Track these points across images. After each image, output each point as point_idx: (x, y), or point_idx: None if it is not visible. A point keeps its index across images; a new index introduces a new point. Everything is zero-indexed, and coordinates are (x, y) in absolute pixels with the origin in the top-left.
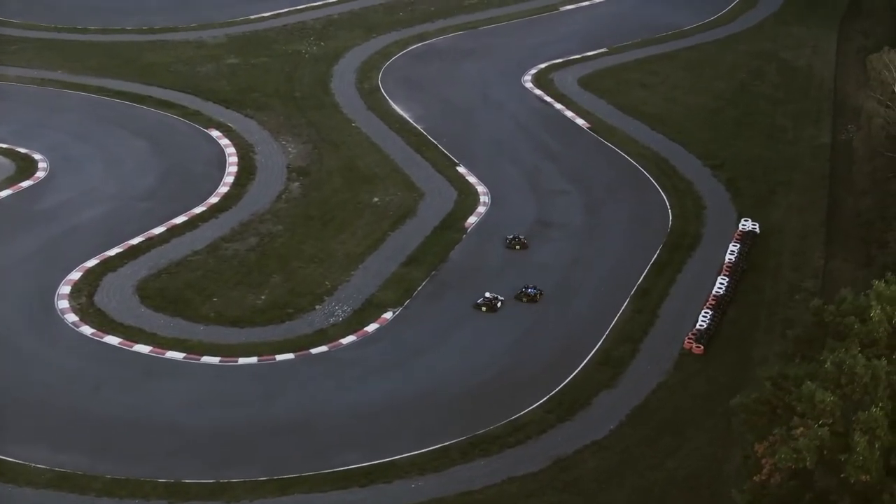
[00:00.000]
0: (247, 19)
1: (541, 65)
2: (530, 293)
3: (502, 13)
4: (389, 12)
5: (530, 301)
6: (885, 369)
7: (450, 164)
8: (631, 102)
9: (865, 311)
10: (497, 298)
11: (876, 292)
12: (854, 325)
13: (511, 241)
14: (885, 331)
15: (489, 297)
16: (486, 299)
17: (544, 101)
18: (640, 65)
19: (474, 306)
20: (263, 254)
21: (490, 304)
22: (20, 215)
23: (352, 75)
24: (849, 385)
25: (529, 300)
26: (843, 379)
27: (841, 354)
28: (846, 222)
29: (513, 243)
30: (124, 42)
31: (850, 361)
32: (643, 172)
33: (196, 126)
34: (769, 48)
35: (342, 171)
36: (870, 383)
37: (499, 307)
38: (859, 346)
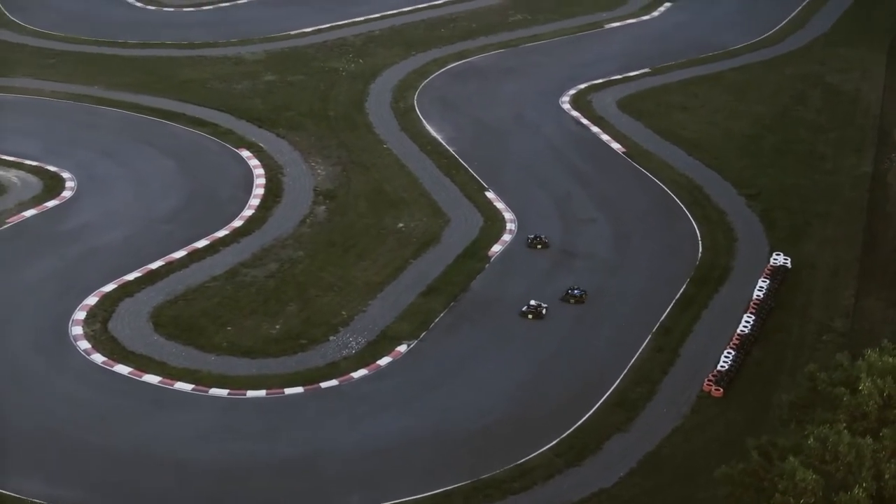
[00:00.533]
0: (287, 35)
1: (581, 85)
2: (576, 294)
3: (546, 30)
4: (431, 29)
5: (577, 302)
6: (870, 448)
7: (479, 188)
8: (669, 126)
9: (856, 382)
10: (541, 305)
11: (867, 363)
12: (844, 395)
13: (532, 241)
14: (875, 404)
15: (534, 304)
16: (531, 307)
17: (580, 124)
18: (682, 86)
19: (520, 314)
20: (282, 281)
21: (536, 311)
22: (43, 236)
23: (388, 94)
24: (832, 463)
25: (577, 301)
26: (827, 456)
27: (825, 430)
28: (882, 258)
29: (534, 242)
30: (162, 57)
31: (833, 438)
32: (676, 200)
33: (226, 145)
34: (816, 71)
35: (369, 195)
36: (854, 462)
37: (544, 314)
38: (848, 420)
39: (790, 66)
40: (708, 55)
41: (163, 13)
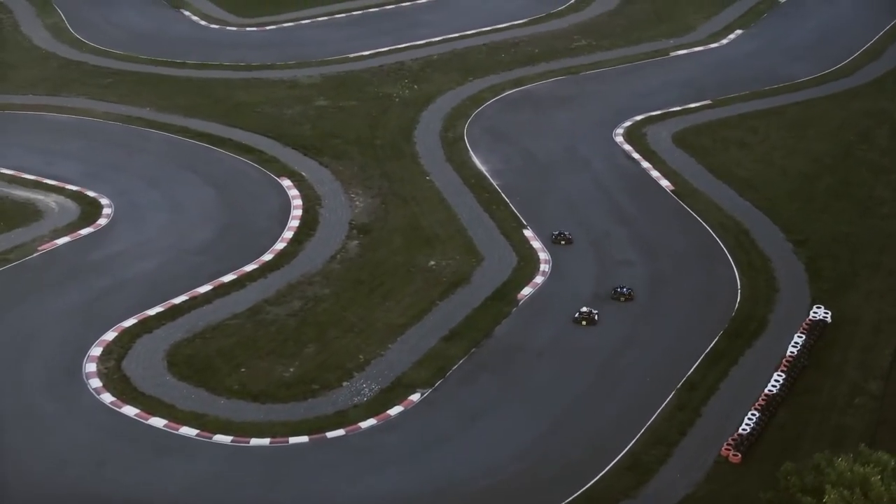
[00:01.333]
0: (345, 58)
1: (637, 116)
2: (625, 292)
3: (608, 57)
4: (492, 53)
5: (627, 300)
6: None
7: (517, 225)
8: (724, 163)
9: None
10: (593, 312)
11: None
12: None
13: (556, 238)
14: None
15: (586, 311)
16: (582, 314)
17: (631, 159)
18: (741, 120)
19: (574, 321)
20: (304, 320)
21: (589, 317)
22: (72, 265)
23: (438, 123)
24: None
25: (626, 299)
26: None
27: None
28: None
29: (558, 239)
30: (218, 79)
31: None
32: (720, 245)
33: (269, 174)
34: (885, 107)
35: (404, 230)
36: None
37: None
38: None
39: (858, 101)
40: (773, 87)
41: (225, 32)
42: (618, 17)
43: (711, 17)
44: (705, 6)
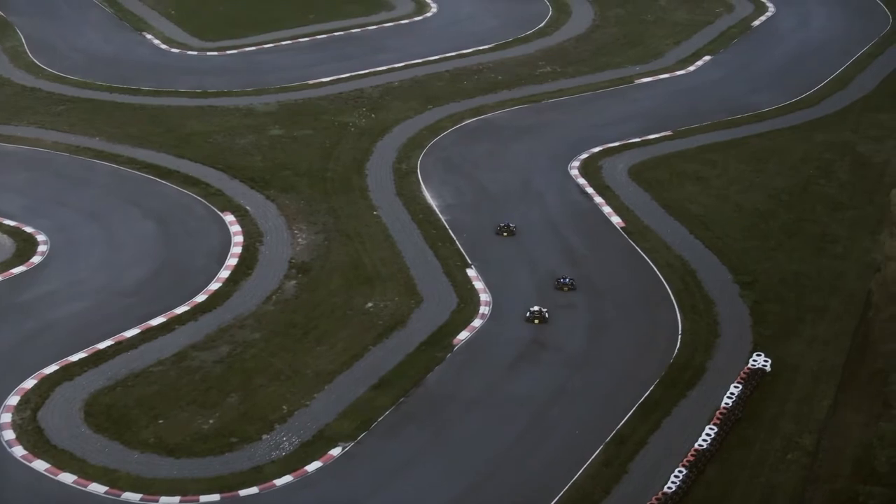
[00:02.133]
0: (304, 84)
1: (595, 148)
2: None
3: (572, 85)
4: (454, 80)
5: (570, 290)
6: None
7: (462, 264)
8: (678, 199)
9: None
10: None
11: None
12: None
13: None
14: None
15: (536, 309)
16: (533, 313)
17: (585, 193)
18: (700, 153)
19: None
20: (230, 367)
21: (540, 315)
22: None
23: (392, 153)
24: None
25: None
26: None
27: None
28: (869, 364)
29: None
30: (172, 107)
31: None
32: (666, 287)
33: (212, 208)
34: (848, 139)
35: (345, 270)
36: None
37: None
38: None
39: (821, 133)
40: (736, 117)
41: (185, 57)
42: (586, 43)
43: (681, 42)
44: (676, 31)
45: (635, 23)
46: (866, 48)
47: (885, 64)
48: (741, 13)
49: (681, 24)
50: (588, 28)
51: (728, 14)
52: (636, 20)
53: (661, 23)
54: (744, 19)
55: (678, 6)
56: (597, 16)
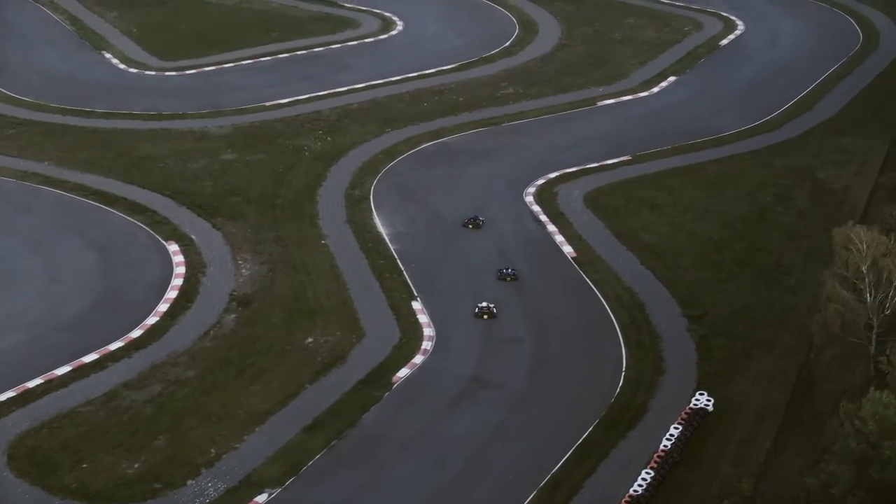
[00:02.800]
0: (261, 106)
1: (552, 173)
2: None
3: (533, 107)
4: (413, 102)
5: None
6: None
7: (407, 297)
8: (632, 227)
9: None
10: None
11: None
12: None
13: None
14: None
15: (485, 305)
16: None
17: (539, 221)
18: (658, 178)
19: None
20: (160, 407)
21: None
22: None
23: (346, 179)
24: None
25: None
26: None
27: None
28: (812, 404)
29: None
30: (125, 130)
31: None
32: (613, 321)
33: (157, 237)
34: (808, 164)
35: (287, 303)
36: None
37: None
38: None
39: (782, 157)
40: (696, 141)
41: (143, 77)
42: (550, 63)
43: (647, 61)
44: (643, 51)
45: (602, 42)
46: (834, 67)
47: (852, 84)
48: (710, 31)
49: (648, 44)
50: (554, 47)
51: (697, 32)
52: (603, 39)
53: (628, 42)
54: (712, 38)
55: (647, 24)
56: (564, 34)
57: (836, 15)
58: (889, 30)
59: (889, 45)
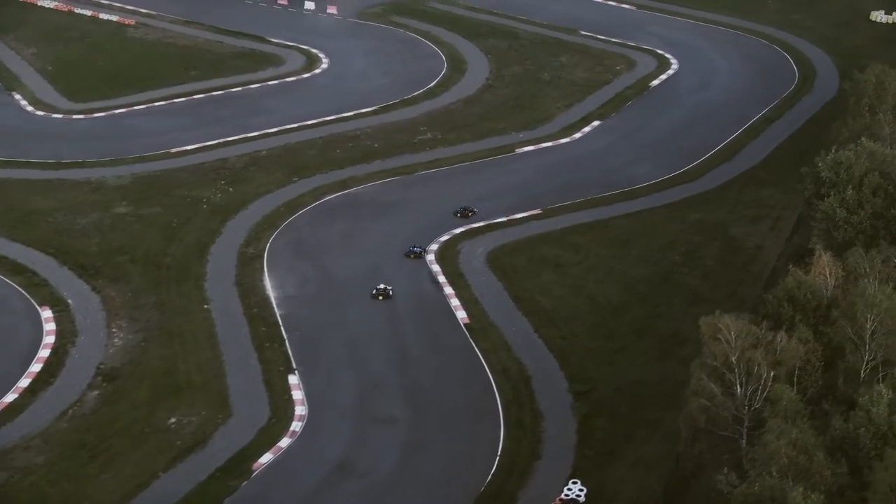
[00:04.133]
0: (166, 153)
1: (458, 229)
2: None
3: (450, 154)
4: (327, 148)
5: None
6: None
7: (285, 370)
8: (531, 290)
9: None
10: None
11: None
12: None
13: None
14: None
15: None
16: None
17: (436, 283)
18: (565, 235)
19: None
20: (2, 500)
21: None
22: None
23: (242, 234)
24: None
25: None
26: None
27: None
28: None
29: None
30: (20, 180)
31: None
32: (496, 396)
33: (32, 301)
34: (722, 220)
35: (155, 377)
36: None
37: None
38: None
39: (696, 211)
40: (610, 193)
41: (49, 121)
42: (474, 105)
43: (573, 104)
44: (571, 92)
45: (530, 82)
46: (764, 111)
47: (780, 130)
48: (642, 70)
49: (577, 84)
50: (479, 88)
51: (628, 72)
52: (532, 79)
53: (556, 83)
54: (643, 78)
55: (579, 63)
56: (492, 74)
57: (775, 52)
58: (826, 69)
59: (824, 86)
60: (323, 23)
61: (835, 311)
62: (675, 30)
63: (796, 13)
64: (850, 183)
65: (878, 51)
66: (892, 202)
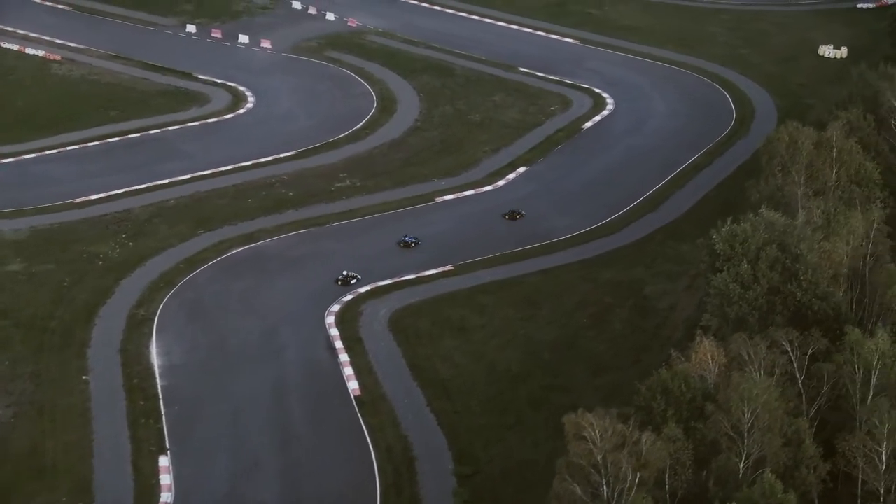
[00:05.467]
0: (69, 203)
1: (365, 287)
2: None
3: (366, 204)
4: (238, 198)
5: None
6: None
7: (157, 450)
8: (430, 356)
9: None
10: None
11: None
12: None
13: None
14: None
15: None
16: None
17: (332, 348)
18: (474, 294)
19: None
20: None
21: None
22: None
23: (135, 295)
24: None
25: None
26: None
27: None
28: None
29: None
30: None
31: None
32: (376, 481)
33: None
34: (638, 277)
35: (19, 459)
36: None
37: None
38: None
39: (611, 269)
40: (527, 247)
41: None
42: (398, 149)
43: (501, 148)
44: (500, 135)
45: (459, 124)
46: (696, 157)
47: (708, 178)
48: (577, 111)
49: (508, 126)
50: (406, 131)
51: (562, 112)
52: (462, 121)
53: (487, 124)
54: (576, 119)
55: (513, 103)
56: (421, 115)
57: (715, 91)
58: (765, 110)
59: (760, 129)
60: (255, 58)
61: (710, 404)
62: (617, 66)
63: (744, 48)
64: (746, 256)
65: (821, 88)
66: (789, 276)
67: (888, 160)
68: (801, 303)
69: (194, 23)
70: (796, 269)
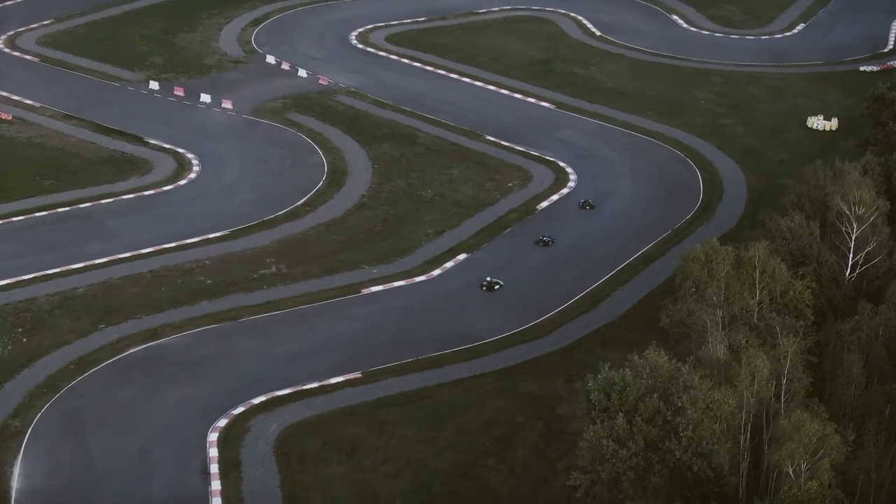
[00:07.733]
0: None
1: (259, 397)
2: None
3: (286, 295)
4: (151, 286)
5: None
6: None
7: None
8: (310, 485)
9: None
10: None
11: None
12: None
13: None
14: None
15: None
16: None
17: (206, 473)
18: (378, 408)
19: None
20: None
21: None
22: None
23: (14, 401)
24: None
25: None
26: None
27: None
28: None
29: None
30: None
31: None
32: None
33: None
34: (557, 392)
35: None
36: None
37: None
38: None
39: (532, 380)
40: (447, 352)
41: None
42: (336, 231)
43: (445, 231)
44: (447, 216)
45: (408, 201)
46: (649, 246)
47: (657, 272)
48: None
49: (459, 205)
50: (349, 209)
51: (520, 189)
52: (411, 197)
53: (437, 202)
54: (532, 199)
55: (469, 177)
56: (370, 190)
57: (687, 168)
58: (735, 192)
59: (725, 214)
60: (212, 120)
61: None
62: (589, 136)
63: (728, 117)
64: (623, 408)
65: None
66: (669, 431)
67: (833, 271)
68: (680, 461)
69: (159, 78)
70: (676, 424)
